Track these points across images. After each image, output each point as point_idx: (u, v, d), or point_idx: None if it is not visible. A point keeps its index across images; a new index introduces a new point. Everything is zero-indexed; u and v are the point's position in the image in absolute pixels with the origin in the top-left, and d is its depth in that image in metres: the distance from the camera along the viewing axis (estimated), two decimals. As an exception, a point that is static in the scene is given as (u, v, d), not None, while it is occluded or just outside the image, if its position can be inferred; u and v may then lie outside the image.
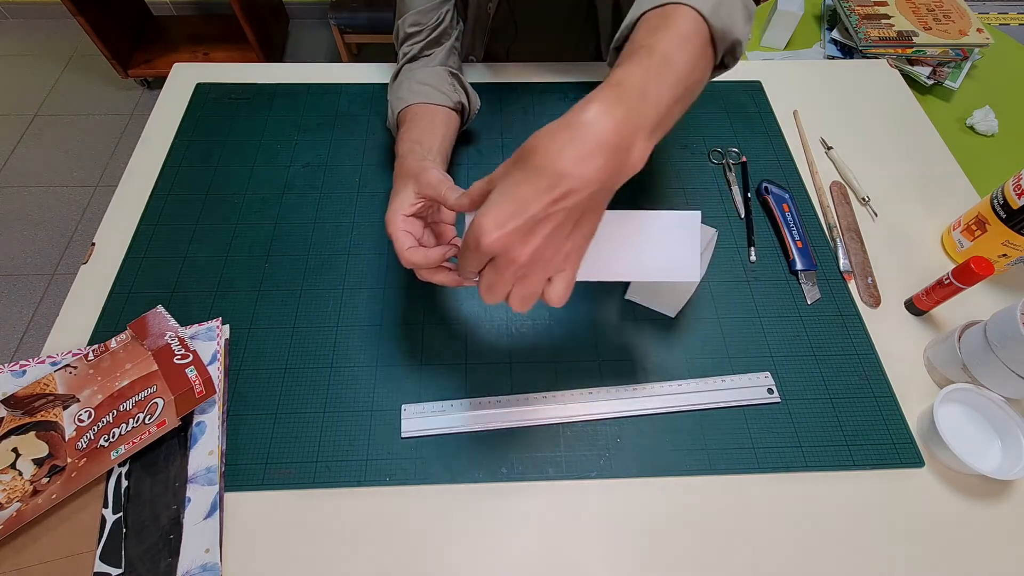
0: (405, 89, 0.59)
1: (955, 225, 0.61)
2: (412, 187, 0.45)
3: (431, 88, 0.59)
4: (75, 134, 1.80)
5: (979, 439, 0.49)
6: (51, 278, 1.50)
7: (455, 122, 0.60)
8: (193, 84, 0.74)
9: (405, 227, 0.44)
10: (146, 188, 0.65)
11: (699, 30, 0.37)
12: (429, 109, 0.57)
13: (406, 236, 0.44)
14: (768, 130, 0.71)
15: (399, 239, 0.44)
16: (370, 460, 0.48)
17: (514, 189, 0.30)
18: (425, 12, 0.62)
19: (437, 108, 0.58)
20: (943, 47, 1.05)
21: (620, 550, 0.45)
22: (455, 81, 0.62)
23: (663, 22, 0.37)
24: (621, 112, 0.31)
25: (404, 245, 0.43)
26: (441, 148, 0.54)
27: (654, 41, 0.35)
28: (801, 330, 0.55)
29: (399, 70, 0.62)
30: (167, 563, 0.42)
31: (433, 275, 0.43)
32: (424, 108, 0.57)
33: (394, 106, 0.59)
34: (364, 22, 1.74)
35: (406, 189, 0.45)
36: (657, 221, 0.39)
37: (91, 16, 1.63)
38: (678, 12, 0.37)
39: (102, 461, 0.44)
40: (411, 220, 0.45)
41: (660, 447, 0.49)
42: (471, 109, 0.63)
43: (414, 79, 0.60)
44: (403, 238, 0.44)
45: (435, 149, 0.53)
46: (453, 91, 0.60)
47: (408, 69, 0.62)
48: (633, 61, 0.34)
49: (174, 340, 0.51)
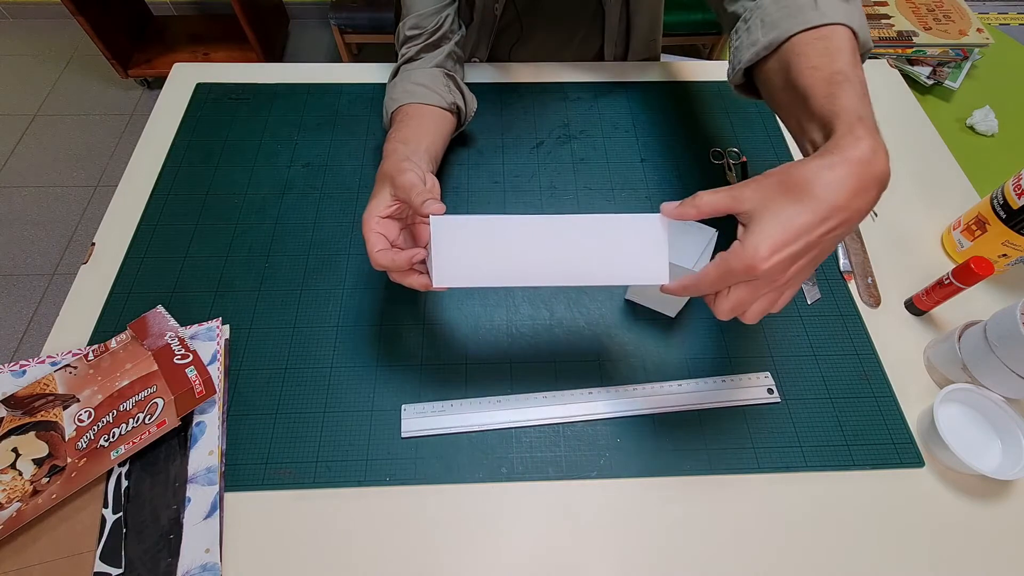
0: (399, 90, 0.59)
1: (955, 225, 0.61)
2: (388, 189, 0.45)
3: (425, 89, 0.59)
4: (75, 134, 1.80)
5: (979, 439, 0.49)
6: (51, 278, 1.50)
7: (449, 123, 0.60)
8: (193, 84, 0.74)
9: (378, 229, 0.45)
10: (146, 188, 0.65)
11: (855, 47, 0.40)
12: (421, 109, 0.57)
13: (378, 238, 0.44)
14: (768, 130, 0.71)
15: (370, 240, 0.44)
16: (370, 460, 0.48)
17: (793, 219, 0.32)
18: (425, 16, 0.62)
19: (430, 108, 0.58)
20: (943, 47, 1.06)
21: (620, 550, 0.45)
22: (451, 83, 0.61)
23: (831, 44, 0.39)
24: (881, 145, 0.33)
25: (374, 247, 0.44)
26: (430, 148, 0.54)
27: (841, 66, 0.38)
28: (801, 330, 0.55)
29: (396, 71, 0.62)
30: (167, 563, 0.42)
31: (403, 277, 0.43)
32: (416, 108, 0.57)
33: (387, 107, 0.59)
34: (364, 22, 1.74)
35: (383, 191, 0.46)
36: (625, 225, 0.40)
37: (91, 16, 1.63)
38: (838, 34, 0.39)
39: (102, 461, 0.44)
40: (386, 222, 0.45)
41: (660, 447, 0.49)
42: (467, 111, 0.63)
43: (409, 80, 0.59)
44: (374, 240, 0.44)
45: (422, 149, 0.52)
46: (448, 92, 0.60)
47: (405, 70, 0.62)
48: (847, 91, 0.36)
49: (174, 340, 0.51)
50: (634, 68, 0.78)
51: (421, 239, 0.46)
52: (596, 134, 0.71)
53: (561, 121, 0.72)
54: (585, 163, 0.68)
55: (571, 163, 0.67)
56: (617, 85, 0.76)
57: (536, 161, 0.68)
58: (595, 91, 0.75)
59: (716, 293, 0.36)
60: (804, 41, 0.40)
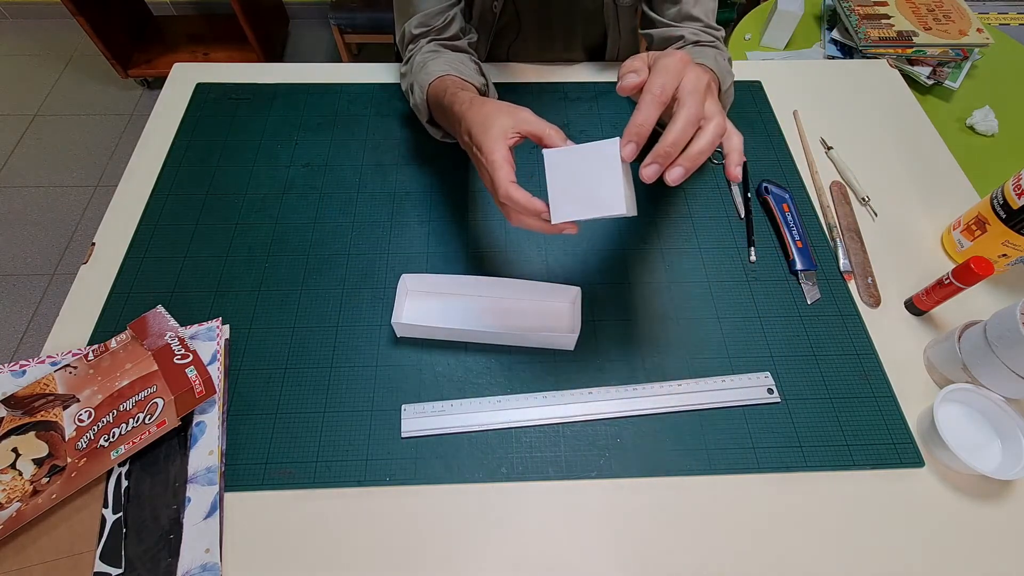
0: (433, 65, 0.58)
1: (955, 225, 0.61)
2: (508, 120, 0.43)
3: (461, 65, 0.59)
4: (75, 134, 1.80)
5: (979, 439, 0.49)
6: (51, 278, 1.50)
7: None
8: (193, 84, 0.74)
9: (510, 157, 0.42)
10: (146, 188, 0.65)
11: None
12: (462, 83, 0.57)
13: (510, 168, 0.42)
14: (768, 130, 0.71)
15: (504, 169, 0.41)
16: (370, 460, 0.48)
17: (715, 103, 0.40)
18: (431, 15, 0.62)
19: (469, 84, 0.58)
20: (943, 47, 1.06)
21: (620, 550, 0.45)
22: (479, 68, 0.63)
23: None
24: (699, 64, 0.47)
25: (508, 176, 0.41)
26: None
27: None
28: (801, 330, 0.55)
29: (410, 58, 0.63)
30: (167, 563, 0.42)
31: (527, 219, 0.42)
32: (457, 79, 0.57)
33: (421, 80, 0.58)
34: (364, 22, 1.74)
35: (499, 122, 0.43)
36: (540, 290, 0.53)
37: (91, 16, 1.63)
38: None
39: (102, 461, 0.44)
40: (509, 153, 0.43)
41: (660, 447, 0.49)
42: (491, 96, 0.64)
43: (440, 59, 0.59)
44: (508, 169, 0.41)
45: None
46: (479, 74, 0.61)
47: (430, 51, 0.61)
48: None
49: (174, 340, 0.51)
50: (634, 68, 0.78)
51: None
52: (596, 134, 0.71)
53: (561, 121, 0.72)
54: (585, 163, 0.68)
55: (571, 163, 0.67)
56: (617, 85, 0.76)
57: (536, 161, 0.68)
58: (595, 91, 0.75)
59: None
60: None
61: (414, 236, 0.61)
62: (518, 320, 0.55)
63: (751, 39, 1.20)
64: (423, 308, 0.55)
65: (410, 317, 0.55)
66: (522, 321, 0.55)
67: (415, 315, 0.55)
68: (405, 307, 0.55)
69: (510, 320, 0.55)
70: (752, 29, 1.22)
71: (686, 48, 0.64)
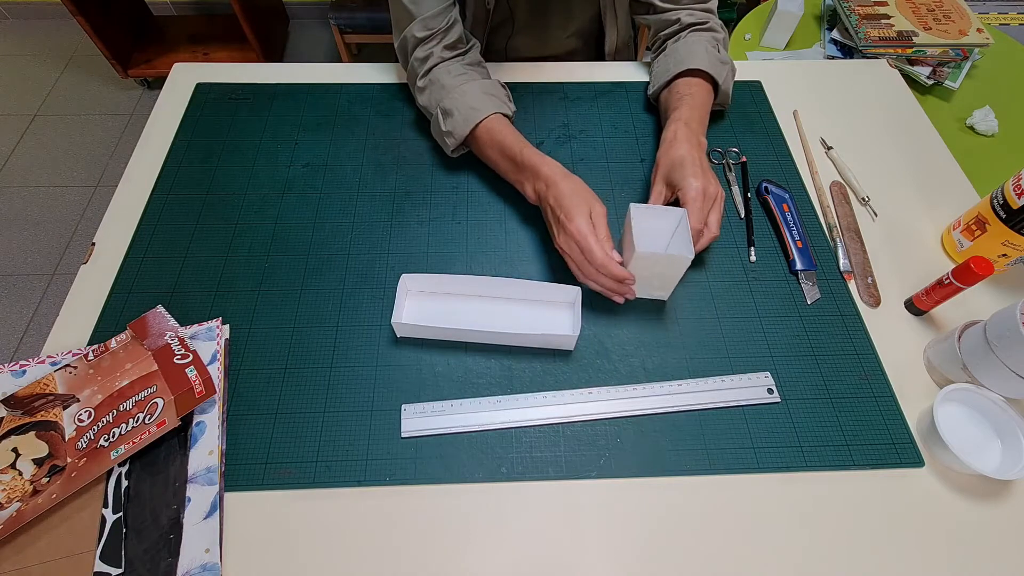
0: (473, 97, 0.61)
1: (955, 225, 0.61)
2: (598, 207, 0.53)
3: (498, 100, 0.63)
4: (75, 134, 1.80)
5: (979, 439, 0.49)
6: (51, 278, 1.50)
7: None
8: (193, 84, 0.74)
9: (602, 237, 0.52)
10: (146, 188, 0.65)
11: (710, 89, 0.67)
12: (504, 120, 0.61)
13: (609, 242, 0.52)
14: (768, 130, 0.71)
15: (607, 244, 0.51)
16: (370, 460, 0.48)
17: (705, 171, 0.56)
18: (431, 17, 0.62)
19: (507, 120, 0.62)
20: (943, 47, 1.05)
21: (620, 550, 0.45)
22: (508, 92, 0.66)
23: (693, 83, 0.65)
24: (681, 129, 0.60)
25: (609, 246, 0.51)
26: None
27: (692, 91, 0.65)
28: (801, 330, 0.55)
29: (428, 71, 0.64)
30: (167, 563, 0.42)
31: (604, 282, 0.52)
32: (508, 124, 0.61)
33: (468, 116, 0.60)
34: (364, 22, 1.74)
35: (591, 206, 0.53)
36: (541, 291, 0.55)
37: (91, 16, 1.63)
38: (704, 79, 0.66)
39: (102, 461, 0.44)
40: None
41: (660, 447, 0.49)
42: (511, 120, 0.65)
43: (475, 86, 0.62)
44: (609, 244, 0.52)
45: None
46: (510, 102, 0.65)
47: (459, 73, 0.63)
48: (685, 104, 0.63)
49: (174, 340, 0.51)
50: (634, 68, 0.78)
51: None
52: (596, 134, 0.71)
53: (561, 121, 0.72)
54: (585, 163, 0.68)
55: (571, 163, 0.67)
56: (617, 85, 0.76)
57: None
58: (595, 91, 0.75)
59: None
60: (683, 79, 0.65)
61: (414, 236, 0.61)
62: (518, 320, 0.55)
63: (751, 39, 1.20)
64: (423, 308, 0.55)
65: (410, 317, 0.55)
66: (522, 321, 0.55)
67: (415, 315, 0.55)
68: (405, 307, 0.55)
69: (510, 320, 0.55)
70: (752, 29, 1.22)
71: (681, 37, 0.70)
